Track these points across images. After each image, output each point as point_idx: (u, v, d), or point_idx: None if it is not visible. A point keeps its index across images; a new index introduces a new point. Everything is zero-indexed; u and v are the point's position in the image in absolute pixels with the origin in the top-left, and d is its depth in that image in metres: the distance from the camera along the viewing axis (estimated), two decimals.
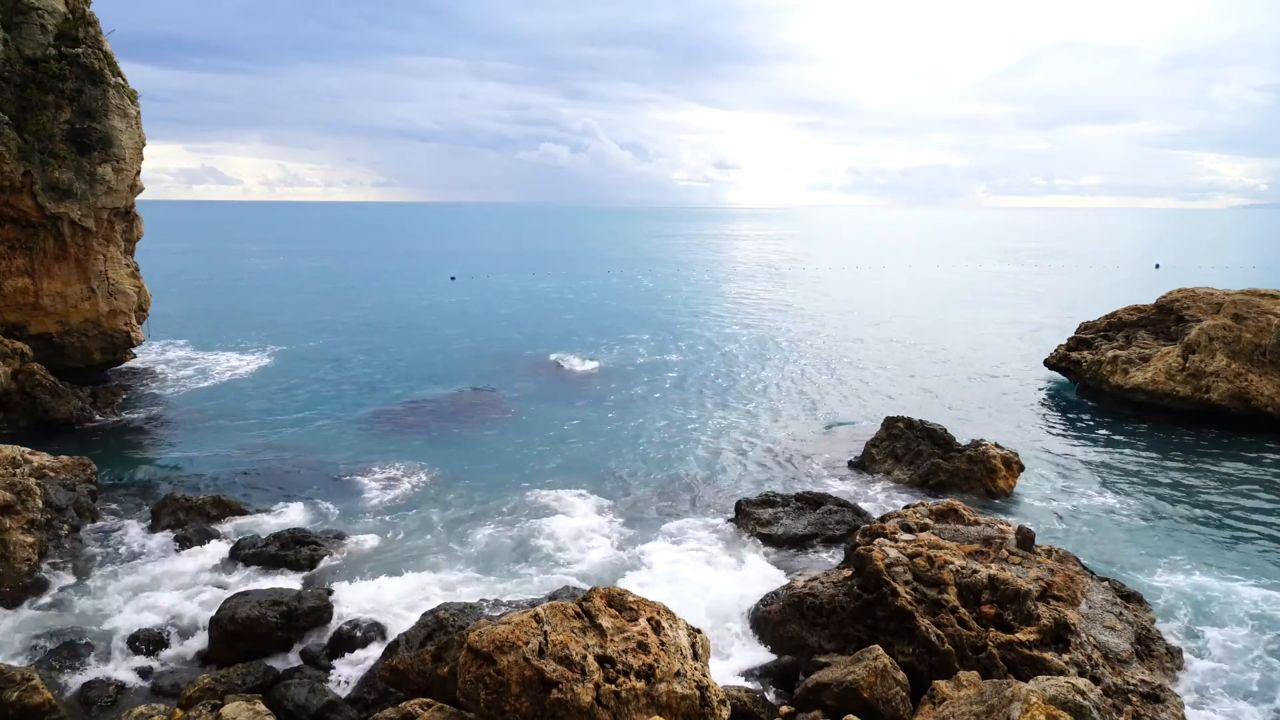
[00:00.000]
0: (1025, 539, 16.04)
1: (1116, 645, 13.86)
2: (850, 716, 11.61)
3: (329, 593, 16.40)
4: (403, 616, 15.77)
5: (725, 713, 11.21)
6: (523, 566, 18.66)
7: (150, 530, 20.08)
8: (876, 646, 13.01)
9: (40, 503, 18.68)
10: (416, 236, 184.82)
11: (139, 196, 35.51)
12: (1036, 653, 12.99)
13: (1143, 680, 13.01)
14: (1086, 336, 36.87)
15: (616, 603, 11.85)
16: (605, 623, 11.39)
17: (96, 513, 20.84)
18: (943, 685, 12.06)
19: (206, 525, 20.19)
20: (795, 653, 14.59)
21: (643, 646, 11.14)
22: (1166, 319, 34.80)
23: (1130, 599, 15.90)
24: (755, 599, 16.20)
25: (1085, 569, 16.49)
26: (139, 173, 34.50)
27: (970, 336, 50.69)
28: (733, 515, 21.23)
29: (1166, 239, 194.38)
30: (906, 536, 15.89)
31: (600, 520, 21.23)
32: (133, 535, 19.95)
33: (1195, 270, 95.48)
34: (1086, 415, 32.22)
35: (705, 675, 11.43)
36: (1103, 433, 29.81)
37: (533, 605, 13.18)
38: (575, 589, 16.30)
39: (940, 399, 34.95)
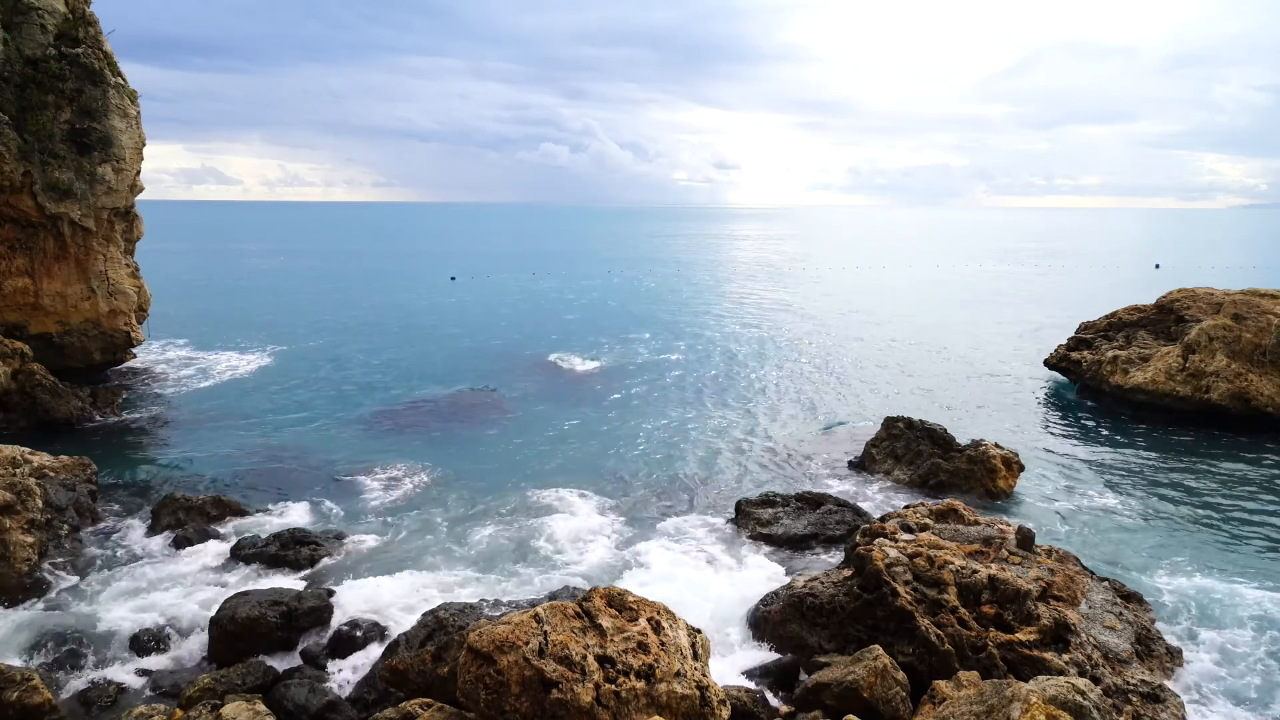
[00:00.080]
0: (1025, 539, 16.04)
1: (1116, 645, 13.86)
2: (850, 716, 11.61)
3: (329, 593, 16.39)
4: (403, 616, 15.79)
5: (725, 713, 11.21)
6: (523, 566, 18.66)
7: (150, 530, 20.08)
8: (876, 646, 13.01)
9: (40, 503, 18.68)
10: (416, 236, 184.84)
11: (139, 196, 35.52)
12: (1036, 653, 13.00)
13: (1143, 680, 13.02)
14: (1086, 336, 36.88)
15: (616, 603, 11.85)
16: (605, 623, 11.39)
17: (96, 513, 20.84)
18: (943, 685, 12.07)
19: (206, 525, 20.19)
20: (795, 653, 14.60)
21: (643, 646, 11.14)
22: (1166, 319, 34.80)
23: (1130, 599, 15.91)
24: (755, 599, 16.20)
25: (1085, 569, 16.50)
26: (139, 173, 34.51)
27: (970, 336, 50.68)
28: (733, 515, 21.24)
29: (1166, 239, 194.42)
30: (906, 536, 15.89)
31: (600, 520, 21.23)
32: (133, 535, 19.96)
33: (1195, 270, 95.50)
34: (1086, 415, 32.21)
35: (705, 675, 11.43)
36: (1103, 433, 29.81)
37: (533, 605, 13.18)
38: (575, 589, 16.31)
39: (940, 399, 34.95)
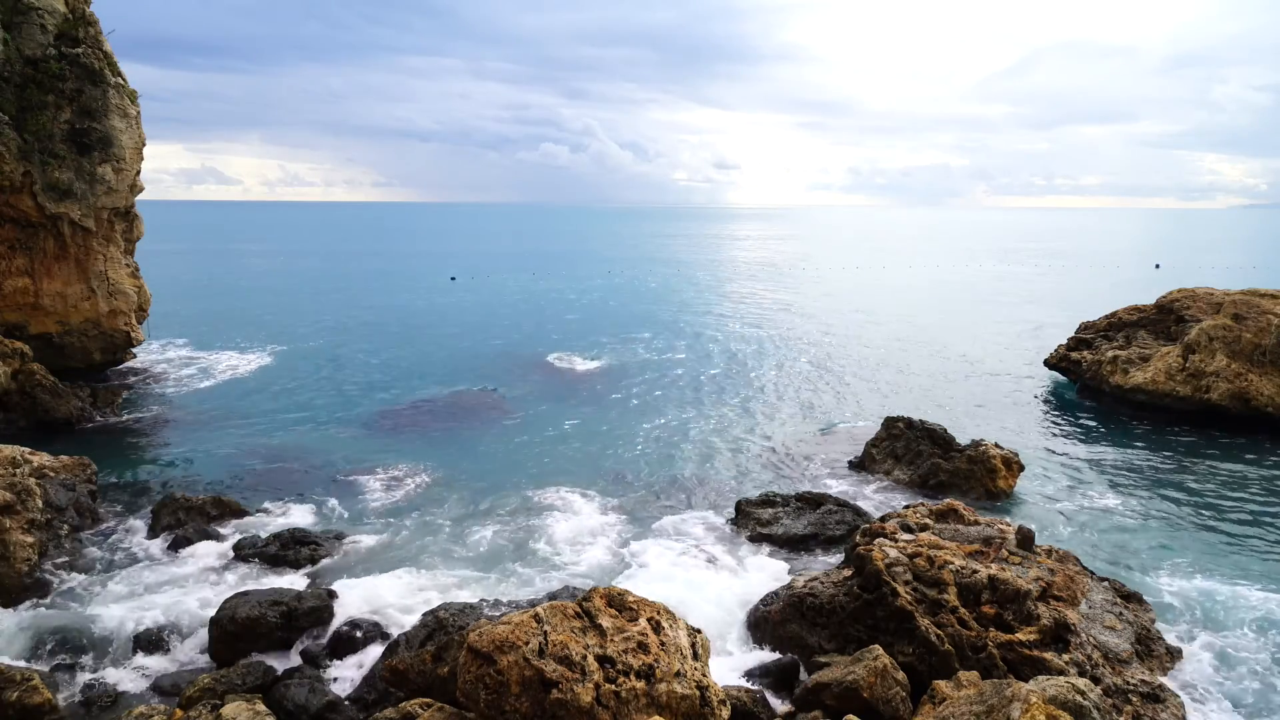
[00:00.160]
0: (1025, 539, 16.04)
1: (1116, 645, 13.86)
2: (850, 716, 11.61)
3: (329, 593, 16.38)
4: (403, 617, 15.80)
5: (725, 713, 11.21)
6: (523, 566, 18.66)
7: (150, 530, 20.07)
8: (876, 646, 13.01)
9: (40, 503, 18.68)
10: (417, 236, 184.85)
11: (139, 196, 35.52)
12: (1036, 653, 12.99)
13: (1143, 680, 13.02)
14: (1086, 336, 36.87)
15: (616, 603, 11.85)
16: (605, 623, 11.39)
17: (97, 513, 20.84)
18: (943, 685, 12.07)
19: (206, 525, 20.18)
20: (795, 653, 14.60)
21: (643, 646, 11.13)
22: (1166, 319, 34.80)
23: (1130, 599, 15.91)
24: (755, 599, 16.21)
25: (1085, 569, 16.50)
26: (139, 173, 34.51)
27: (970, 336, 50.68)
28: (733, 515, 21.24)
29: (1166, 239, 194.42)
30: (906, 536, 15.89)
31: (600, 520, 21.23)
32: (133, 535, 19.96)
33: (1195, 270, 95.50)
34: (1086, 415, 32.21)
35: (705, 675, 11.43)
36: (1103, 433, 29.81)
37: (533, 605, 13.19)
38: (575, 589, 16.31)
39: (940, 399, 34.94)
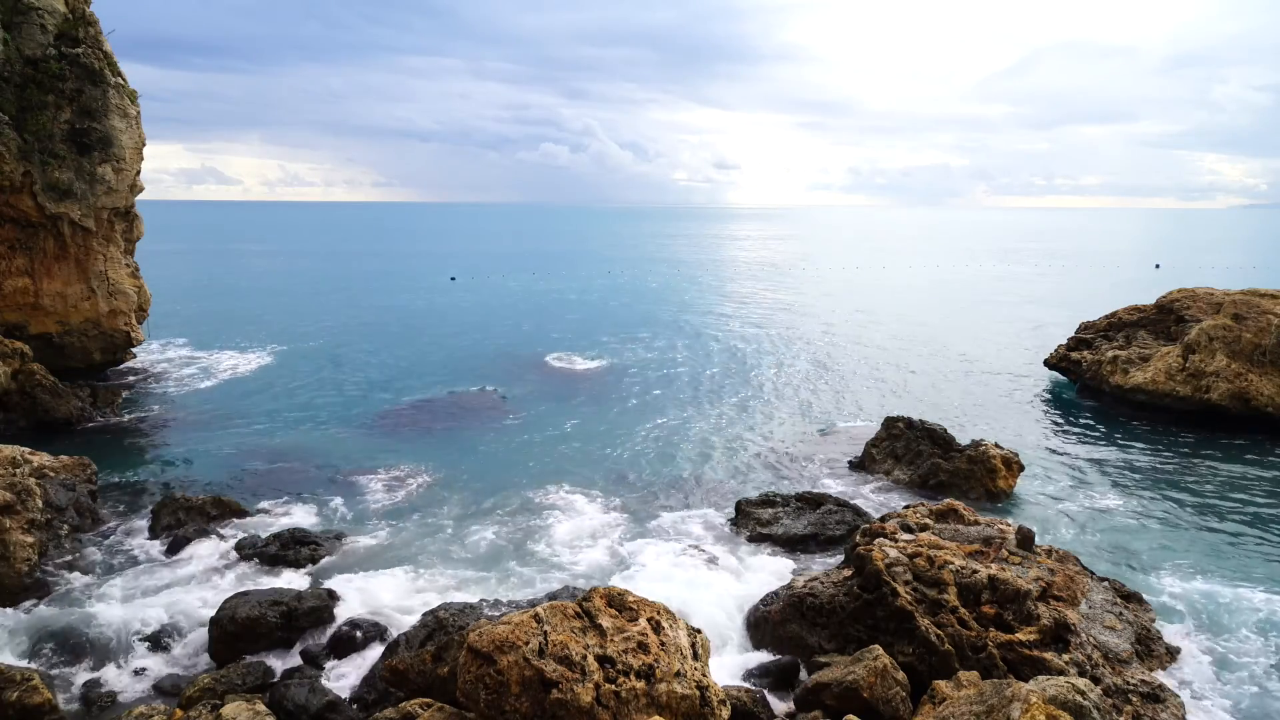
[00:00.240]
0: (1025, 539, 16.04)
1: (1116, 645, 13.86)
2: (850, 716, 11.61)
3: (329, 593, 16.39)
4: (403, 617, 15.80)
5: (725, 713, 11.21)
6: (523, 566, 18.66)
7: (150, 530, 20.07)
8: (876, 646, 13.01)
9: (40, 503, 18.68)
10: (416, 237, 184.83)
11: (139, 196, 35.52)
12: (1036, 653, 12.99)
13: (1143, 680, 13.01)
14: (1086, 336, 36.87)
15: (616, 603, 11.85)
16: (605, 623, 11.39)
17: (97, 513, 20.83)
18: (943, 685, 12.07)
19: (206, 525, 20.17)
20: (795, 653, 14.60)
21: (643, 646, 11.13)
22: (1166, 319, 34.80)
23: (1130, 599, 15.92)
24: (755, 599, 16.21)
25: (1085, 569, 16.50)
26: (139, 173, 34.51)
27: (970, 336, 50.69)
28: (733, 515, 21.24)
29: (1166, 239, 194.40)
30: (906, 536, 15.89)
31: (600, 520, 21.23)
32: (133, 535, 19.96)
33: (1195, 270, 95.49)
34: (1086, 415, 32.21)
35: (705, 675, 11.43)
36: (1103, 433, 29.81)
37: (533, 605, 13.19)
38: (575, 589, 16.30)
39: (940, 399, 34.94)
